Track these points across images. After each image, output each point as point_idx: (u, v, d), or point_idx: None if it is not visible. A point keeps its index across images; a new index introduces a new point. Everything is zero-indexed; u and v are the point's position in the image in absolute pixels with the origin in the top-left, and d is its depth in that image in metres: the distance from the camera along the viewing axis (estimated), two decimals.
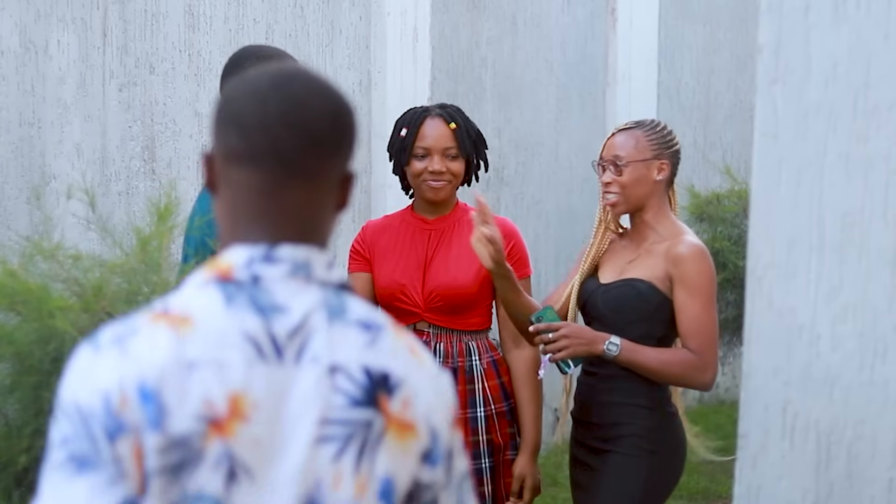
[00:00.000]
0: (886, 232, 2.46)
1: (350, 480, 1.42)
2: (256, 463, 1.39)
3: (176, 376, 1.37)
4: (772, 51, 2.57)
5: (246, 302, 1.42)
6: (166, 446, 1.37)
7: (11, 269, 2.31)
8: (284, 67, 1.49)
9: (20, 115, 3.26)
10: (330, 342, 1.44)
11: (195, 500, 1.37)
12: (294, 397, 1.41)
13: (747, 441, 2.64)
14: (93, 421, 1.37)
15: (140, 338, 1.40)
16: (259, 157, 1.44)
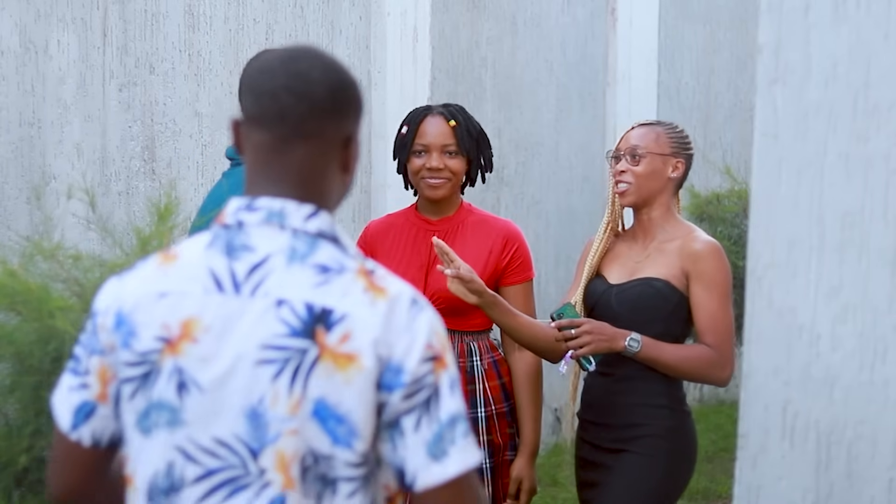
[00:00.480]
0: (886, 232, 2.46)
1: (285, 399, 1.64)
2: (204, 377, 1.66)
3: (147, 304, 1.68)
4: (772, 51, 2.57)
5: (222, 244, 1.70)
6: (134, 361, 1.68)
7: (12, 269, 2.31)
8: (295, 47, 1.76)
9: (20, 115, 3.26)
10: (282, 280, 1.67)
11: (156, 407, 1.67)
12: (243, 324, 1.66)
13: (747, 441, 2.64)
14: (88, 333, 1.74)
15: (136, 271, 1.73)
16: (268, 120, 1.71)
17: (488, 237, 3.31)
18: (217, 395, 1.66)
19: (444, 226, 3.34)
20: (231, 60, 4.35)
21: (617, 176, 3.11)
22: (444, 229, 3.34)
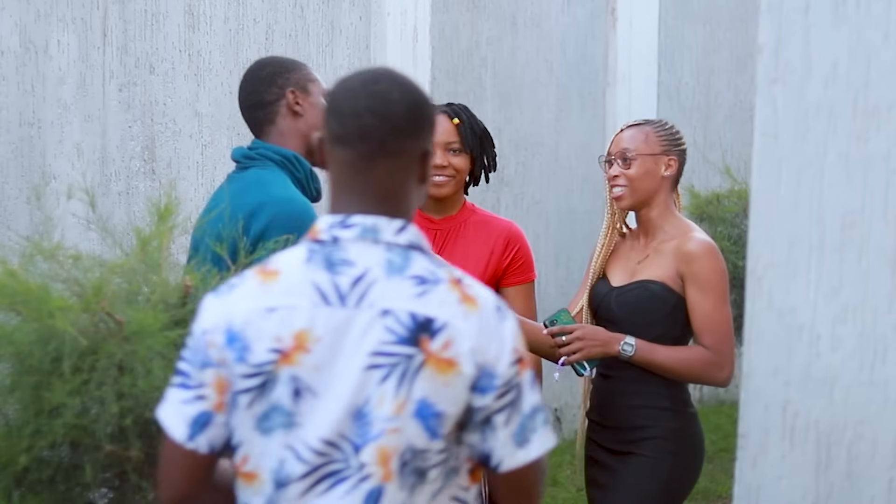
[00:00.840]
0: (886, 232, 2.46)
1: (391, 400, 1.80)
2: (317, 384, 1.81)
3: (257, 320, 1.81)
4: (772, 51, 2.57)
5: (321, 258, 1.84)
6: (250, 374, 1.81)
7: (11, 269, 2.31)
8: (375, 70, 1.89)
9: (20, 115, 3.26)
10: (385, 291, 1.82)
11: (273, 411, 1.82)
12: (351, 333, 1.81)
13: (747, 441, 2.64)
14: (196, 350, 1.85)
15: (239, 289, 1.86)
16: (352, 139, 1.84)
17: (490, 237, 3.31)
18: (328, 398, 1.81)
19: (446, 225, 3.35)
20: (231, 60, 4.35)
21: (611, 181, 3.11)
22: (447, 228, 3.34)
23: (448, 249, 3.33)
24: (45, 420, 2.24)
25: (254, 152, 2.85)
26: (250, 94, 2.93)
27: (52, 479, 2.31)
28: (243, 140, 4.45)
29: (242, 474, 1.88)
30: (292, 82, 2.86)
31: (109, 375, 2.23)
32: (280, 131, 2.87)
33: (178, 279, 2.41)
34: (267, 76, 2.90)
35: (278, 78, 2.88)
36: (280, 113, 2.87)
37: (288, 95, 2.86)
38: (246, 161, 2.85)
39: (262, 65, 2.95)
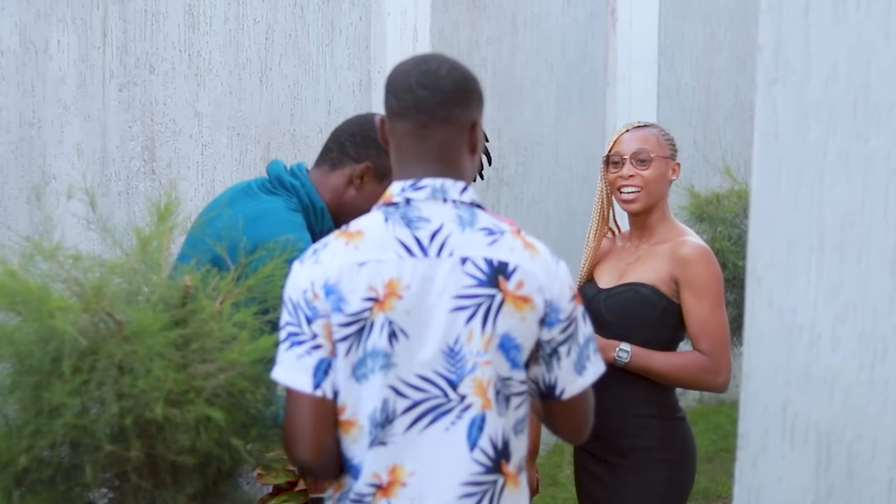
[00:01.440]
0: (887, 232, 2.46)
1: (479, 337, 2.05)
2: (409, 326, 2.03)
3: (350, 274, 2.03)
4: (772, 50, 2.57)
5: (398, 217, 2.08)
6: (347, 322, 2.03)
7: (11, 270, 2.31)
8: (425, 54, 2.17)
9: (20, 115, 3.26)
10: (461, 242, 2.07)
11: (371, 354, 2.03)
12: (436, 280, 2.05)
13: (747, 441, 2.64)
14: (298, 310, 2.06)
15: (327, 250, 2.08)
16: (408, 111, 2.11)
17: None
18: (419, 339, 2.04)
19: None
20: (231, 60, 4.35)
21: (625, 181, 3.05)
22: None
23: None
24: (45, 420, 2.23)
25: (290, 183, 2.79)
26: (345, 133, 2.85)
27: (52, 480, 2.31)
28: (244, 140, 4.45)
29: (341, 423, 2.07)
30: (382, 164, 2.79)
31: (109, 375, 2.23)
32: (329, 183, 2.81)
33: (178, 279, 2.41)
34: (370, 137, 2.82)
35: (374, 148, 2.81)
36: (343, 171, 2.81)
37: (362, 167, 2.80)
38: (277, 185, 2.79)
39: (380, 124, 2.90)
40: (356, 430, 2.07)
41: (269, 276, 2.36)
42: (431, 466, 2.06)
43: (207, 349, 2.34)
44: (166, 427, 2.25)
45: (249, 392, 2.38)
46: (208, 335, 2.36)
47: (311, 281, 2.06)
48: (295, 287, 2.08)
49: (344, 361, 2.04)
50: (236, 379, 2.34)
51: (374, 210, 2.13)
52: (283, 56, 4.63)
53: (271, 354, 2.37)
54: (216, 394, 2.31)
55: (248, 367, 2.38)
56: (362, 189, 2.81)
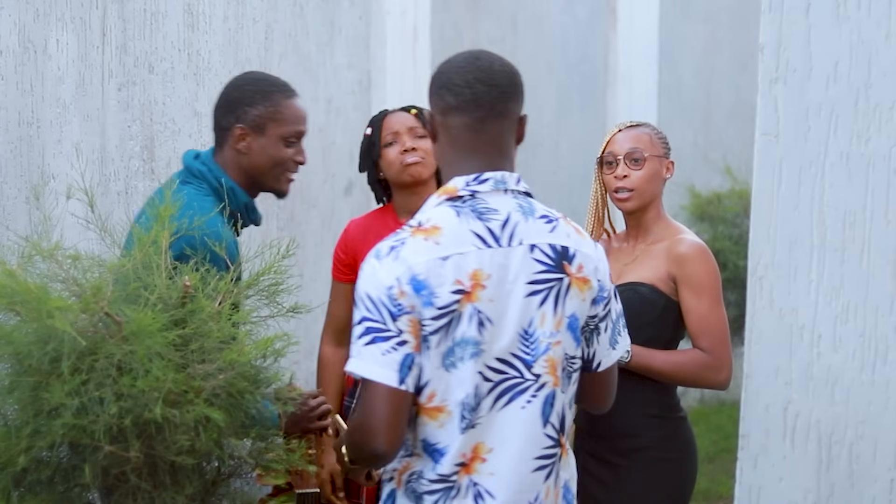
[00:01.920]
0: (888, 231, 2.45)
1: (551, 319, 2.21)
2: (493, 314, 2.16)
3: (436, 268, 2.13)
4: (773, 50, 2.57)
5: (469, 210, 2.19)
6: (438, 315, 2.13)
7: (10, 270, 2.31)
8: (472, 51, 2.28)
9: (19, 115, 3.25)
10: (527, 230, 2.21)
11: (460, 343, 2.15)
12: (511, 268, 2.18)
13: (748, 441, 2.64)
14: (381, 307, 2.12)
15: (407, 247, 2.15)
16: (467, 106, 2.21)
17: None
18: (500, 325, 2.17)
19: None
20: (231, 60, 4.35)
21: (619, 181, 3.05)
22: None
23: None
24: (44, 420, 2.23)
25: (198, 169, 2.80)
26: (215, 109, 2.87)
27: (51, 480, 2.31)
28: None
29: (427, 410, 2.17)
30: (249, 118, 2.79)
31: (108, 376, 2.22)
32: (223, 158, 2.83)
33: (179, 277, 2.40)
34: (231, 101, 2.84)
35: (237, 108, 2.81)
36: (227, 143, 2.82)
37: (235, 131, 2.80)
38: (188, 175, 2.80)
39: (236, 85, 2.88)
40: (444, 415, 2.17)
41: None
42: (509, 443, 2.20)
43: (207, 349, 2.34)
44: (165, 427, 2.24)
45: (249, 392, 2.37)
46: (207, 335, 2.35)
47: (395, 277, 2.13)
48: (376, 284, 2.14)
49: (435, 352, 2.14)
50: (235, 379, 2.33)
51: (438, 205, 2.22)
52: (283, 56, 4.62)
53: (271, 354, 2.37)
54: (215, 394, 2.30)
55: (247, 367, 2.37)
56: (251, 149, 2.81)
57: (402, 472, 2.22)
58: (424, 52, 5.37)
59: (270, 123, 2.80)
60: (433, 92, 2.26)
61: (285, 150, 2.83)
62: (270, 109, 2.80)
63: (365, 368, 2.13)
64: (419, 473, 2.20)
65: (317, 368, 3.43)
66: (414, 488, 2.20)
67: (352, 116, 4.96)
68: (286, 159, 2.83)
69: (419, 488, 2.19)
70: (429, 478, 2.19)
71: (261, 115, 2.79)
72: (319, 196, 4.80)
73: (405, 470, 2.21)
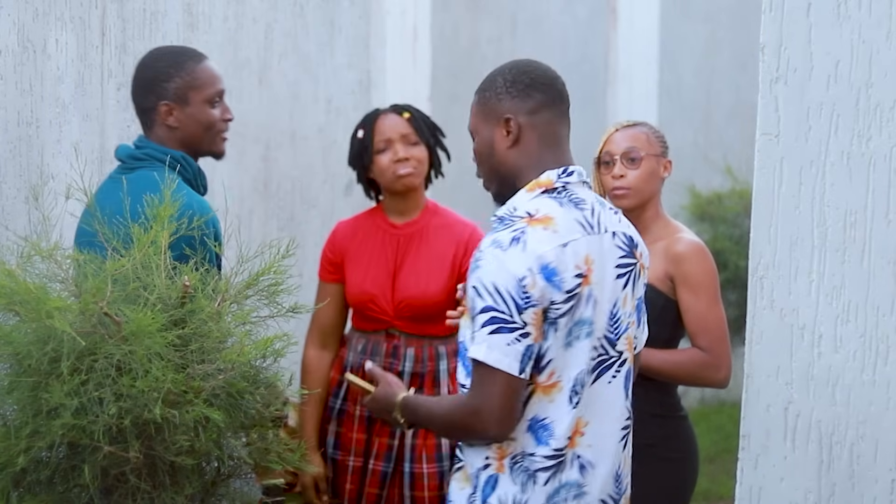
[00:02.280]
0: (889, 231, 2.45)
1: (630, 300, 2.41)
2: (599, 295, 2.33)
3: (560, 255, 2.27)
4: (773, 50, 2.56)
5: (568, 201, 2.35)
6: (565, 299, 2.28)
7: (9, 270, 2.30)
8: (522, 59, 2.48)
9: (18, 115, 3.24)
10: (607, 219, 2.39)
11: (578, 323, 2.30)
12: (605, 253, 2.35)
13: (749, 442, 2.63)
14: (508, 298, 2.24)
15: (529, 236, 2.27)
16: (556, 101, 2.43)
17: (452, 241, 3.33)
18: (601, 307, 2.33)
19: (409, 229, 3.37)
20: (230, 60, 4.34)
21: (616, 180, 3.05)
22: (410, 233, 3.36)
23: (411, 256, 3.34)
24: (44, 421, 2.23)
25: (141, 152, 2.81)
26: (133, 94, 2.89)
27: (50, 480, 2.30)
28: (242, 140, 4.44)
29: (543, 388, 2.30)
30: (169, 93, 2.81)
31: (108, 376, 2.22)
32: (158, 138, 2.84)
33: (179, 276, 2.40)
34: (147, 81, 2.84)
35: (156, 86, 2.82)
36: (156, 122, 2.83)
37: (160, 109, 2.81)
38: (132, 162, 2.81)
39: (147, 65, 2.89)
40: (556, 390, 2.31)
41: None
42: (601, 415, 2.37)
43: (206, 350, 2.33)
44: (165, 428, 2.24)
45: (248, 393, 2.37)
46: (207, 335, 2.35)
47: (527, 268, 2.24)
48: (506, 274, 2.25)
49: (560, 333, 2.29)
50: (235, 379, 2.33)
51: (535, 197, 2.35)
52: (283, 55, 4.62)
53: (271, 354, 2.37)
54: (215, 394, 2.30)
55: (247, 367, 2.37)
56: (180, 121, 2.83)
57: (500, 457, 2.33)
58: (424, 51, 5.36)
59: (191, 91, 2.83)
60: (513, 94, 2.39)
61: (212, 112, 2.86)
62: (187, 78, 2.83)
63: (489, 356, 2.24)
64: (524, 453, 2.32)
65: (301, 371, 3.41)
66: (526, 467, 2.32)
67: (352, 116, 4.95)
68: (216, 120, 2.87)
69: (532, 466, 2.32)
70: (543, 454, 2.31)
71: (180, 87, 2.82)
72: (319, 196, 4.79)
73: (504, 454, 2.32)
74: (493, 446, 2.33)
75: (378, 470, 3.33)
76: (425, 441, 3.32)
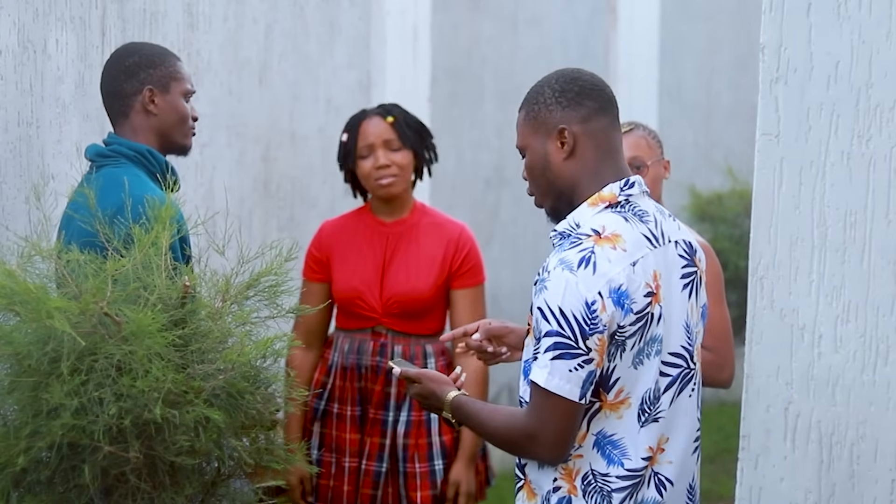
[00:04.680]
0: (888, 231, 2.45)
1: (696, 309, 2.36)
2: (667, 310, 2.27)
3: (630, 275, 2.21)
4: (773, 50, 2.56)
5: (632, 215, 2.28)
6: (635, 320, 2.21)
7: (10, 270, 2.30)
8: (568, 68, 2.43)
9: (18, 115, 3.24)
10: (668, 229, 2.33)
11: (650, 341, 2.25)
12: (669, 265, 2.30)
13: (749, 442, 2.63)
14: (573, 323, 2.17)
15: (598, 257, 2.20)
16: (608, 106, 2.37)
17: (441, 240, 3.34)
18: (672, 320, 2.28)
19: (398, 228, 3.37)
20: (230, 60, 4.34)
21: None
22: (398, 232, 3.37)
23: (400, 254, 3.34)
24: (44, 421, 2.22)
25: (108, 149, 2.83)
26: (111, 82, 2.91)
27: (50, 481, 2.30)
28: (242, 140, 4.44)
29: (611, 405, 2.25)
30: (154, 79, 2.85)
31: (108, 376, 2.22)
32: (132, 126, 2.86)
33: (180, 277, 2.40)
34: (131, 66, 2.88)
35: (141, 72, 2.86)
36: (134, 108, 2.86)
37: (145, 93, 2.84)
38: (100, 160, 2.83)
39: (129, 53, 2.92)
40: (624, 407, 2.26)
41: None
42: (679, 430, 2.32)
43: (206, 350, 2.33)
44: (165, 428, 2.24)
45: (249, 393, 2.37)
46: (207, 335, 2.35)
47: (597, 291, 2.18)
48: (574, 298, 2.18)
49: (629, 353, 2.24)
50: (235, 380, 2.33)
51: (600, 212, 2.27)
52: (283, 56, 4.62)
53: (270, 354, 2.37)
54: (215, 394, 2.30)
55: (247, 367, 2.37)
56: (160, 108, 2.85)
57: (570, 479, 2.27)
58: (424, 52, 5.36)
59: (172, 81, 2.87)
60: (564, 104, 2.32)
61: (187, 106, 2.91)
62: (171, 69, 2.88)
63: (550, 382, 2.18)
64: (597, 473, 2.26)
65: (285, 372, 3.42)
66: (600, 488, 2.26)
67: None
68: (188, 115, 2.91)
69: (606, 487, 2.26)
70: (617, 475, 2.26)
71: (164, 75, 2.86)
72: (319, 196, 4.79)
73: (574, 475, 2.27)
74: (560, 467, 2.27)
75: (371, 470, 3.33)
76: (417, 441, 3.32)
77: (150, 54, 2.90)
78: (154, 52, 2.93)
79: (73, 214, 2.66)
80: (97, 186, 2.69)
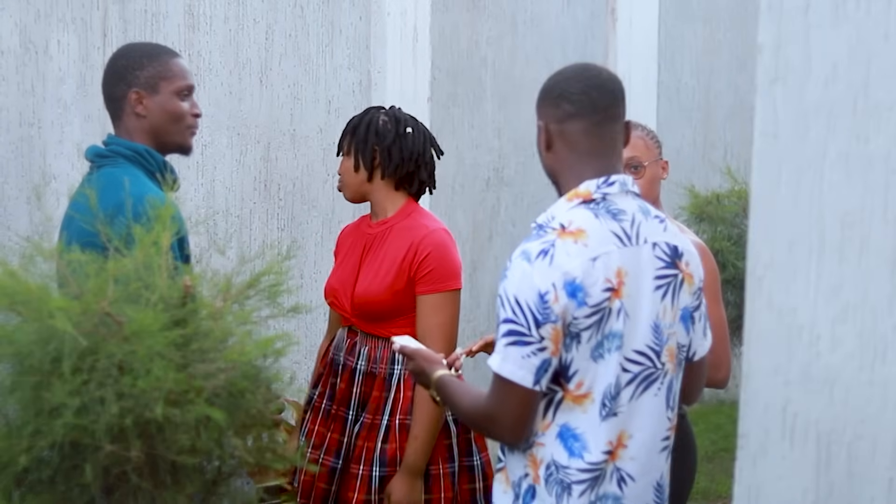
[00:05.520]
0: (886, 232, 2.46)
1: (670, 311, 2.40)
2: (631, 308, 2.33)
3: (588, 269, 2.27)
4: (772, 50, 2.57)
5: (605, 212, 2.33)
6: (590, 313, 2.28)
7: (11, 270, 2.31)
8: (579, 63, 2.49)
9: (20, 116, 3.26)
10: (648, 229, 2.37)
11: (608, 337, 2.31)
12: (642, 265, 2.35)
13: (747, 441, 2.64)
14: (527, 311, 2.25)
15: (558, 249, 2.28)
16: (585, 112, 2.37)
17: (405, 243, 3.32)
18: (638, 319, 2.34)
19: (376, 230, 3.41)
20: (231, 60, 4.35)
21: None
22: (375, 234, 3.40)
23: (371, 255, 3.36)
24: (45, 420, 2.23)
25: (107, 149, 2.85)
26: (105, 85, 2.92)
27: (51, 480, 2.31)
28: (243, 140, 4.45)
29: (574, 397, 2.33)
30: (140, 81, 2.85)
31: (109, 375, 2.23)
32: (126, 128, 2.87)
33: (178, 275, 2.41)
34: (119, 69, 2.88)
35: (128, 74, 2.86)
36: (125, 111, 2.86)
37: (131, 96, 2.84)
38: (99, 160, 2.84)
39: (120, 55, 2.93)
40: (588, 401, 2.34)
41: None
42: (644, 428, 2.39)
43: (207, 349, 2.34)
44: (166, 427, 2.25)
45: (250, 392, 2.38)
46: (208, 335, 2.36)
47: (551, 283, 2.26)
48: (529, 288, 2.27)
49: (586, 346, 2.31)
50: (236, 379, 2.34)
51: (573, 207, 2.35)
52: (283, 56, 4.63)
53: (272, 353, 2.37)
54: (216, 394, 2.31)
55: (248, 366, 2.38)
56: (149, 110, 2.85)
57: (535, 467, 2.37)
58: (424, 52, 5.37)
59: (162, 81, 2.85)
60: (548, 103, 2.45)
61: (181, 105, 2.88)
62: (159, 68, 2.86)
63: (503, 368, 2.29)
64: (559, 465, 2.35)
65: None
66: (560, 479, 2.35)
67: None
68: (185, 112, 2.89)
69: (566, 479, 2.34)
70: (577, 467, 2.34)
71: (152, 76, 2.85)
72: (319, 196, 4.80)
73: (538, 464, 2.37)
74: (527, 454, 2.37)
75: (328, 465, 3.32)
76: (366, 444, 3.29)
77: (138, 55, 2.89)
78: (144, 52, 2.91)
79: (74, 214, 2.67)
80: (97, 186, 2.70)
